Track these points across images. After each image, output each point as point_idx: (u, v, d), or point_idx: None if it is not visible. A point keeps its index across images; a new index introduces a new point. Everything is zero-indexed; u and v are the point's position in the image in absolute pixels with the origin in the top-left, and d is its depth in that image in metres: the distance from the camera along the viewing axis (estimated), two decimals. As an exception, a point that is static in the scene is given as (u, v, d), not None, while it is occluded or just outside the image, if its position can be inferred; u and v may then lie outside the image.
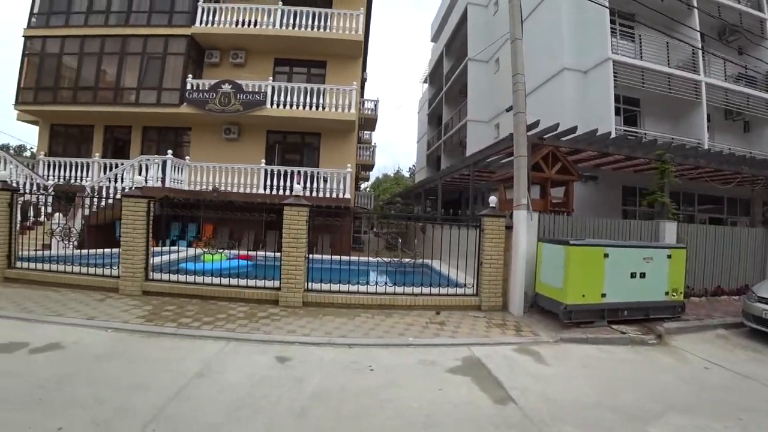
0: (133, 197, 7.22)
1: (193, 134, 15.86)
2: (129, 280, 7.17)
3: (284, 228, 7.13)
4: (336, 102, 14.86)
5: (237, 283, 7.29)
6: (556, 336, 6.31)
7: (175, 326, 5.70)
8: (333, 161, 15.62)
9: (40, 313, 5.93)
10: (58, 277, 7.49)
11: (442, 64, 26.60)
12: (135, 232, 7.18)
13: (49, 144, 16.32)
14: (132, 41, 15.22)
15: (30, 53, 15.73)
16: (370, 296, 7.33)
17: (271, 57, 16.24)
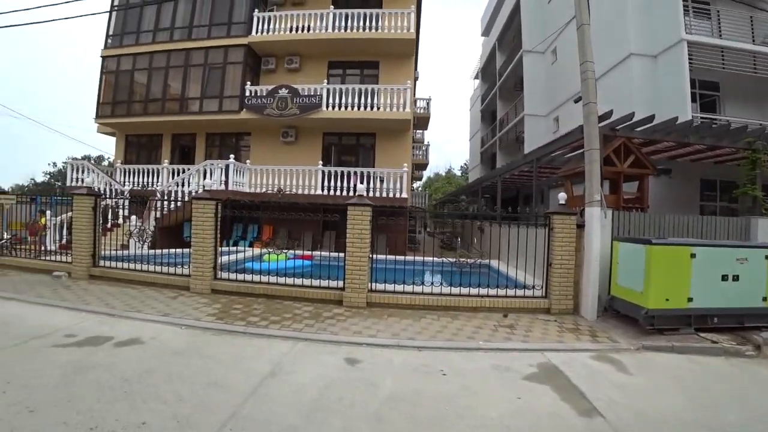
0: (202, 200, 7.44)
1: (252, 139, 16.36)
2: (199, 279, 7.39)
3: (348, 228, 7.06)
4: (390, 101, 14.74)
5: (301, 283, 7.31)
6: (636, 343, 5.74)
7: (244, 325, 5.76)
8: (388, 161, 15.52)
9: (121, 309, 6.23)
10: (135, 275, 7.88)
11: (494, 58, 25.87)
12: (204, 233, 7.40)
13: (124, 153, 17.51)
14: (194, 54, 15.95)
15: (107, 71, 16.93)
16: (434, 297, 7.08)
17: (325, 60, 16.42)
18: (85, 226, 8.10)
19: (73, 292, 7.18)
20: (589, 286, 6.97)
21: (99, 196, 8.35)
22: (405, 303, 7.05)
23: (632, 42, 14.42)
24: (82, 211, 8.12)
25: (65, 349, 4.56)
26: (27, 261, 8.99)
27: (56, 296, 6.89)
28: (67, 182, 15.35)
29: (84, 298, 6.85)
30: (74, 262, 8.22)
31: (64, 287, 7.55)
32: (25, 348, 4.58)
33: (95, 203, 8.19)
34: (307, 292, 7.17)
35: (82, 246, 8.12)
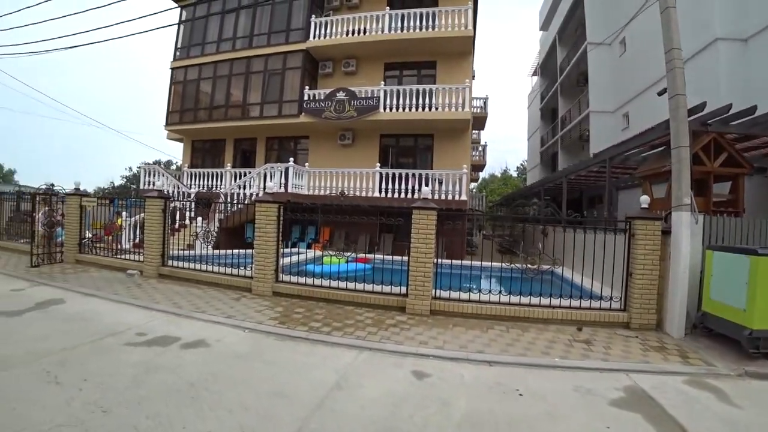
0: (265, 202, 7.46)
1: (310, 142, 16.56)
2: (261, 281, 7.41)
3: (412, 232, 6.77)
4: (449, 101, 14.36)
5: (363, 288, 7.11)
6: (737, 368, 4.96)
7: (306, 330, 5.63)
8: (447, 162, 15.12)
9: (187, 309, 6.33)
10: (200, 275, 8.06)
11: (554, 53, 24.66)
12: (267, 236, 7.41)
13: (191, 157, 18.38)
14: (255, 61, 16.40)
15: (175, 81, 17.85)
16: (502, 307, 6.62)
17: (381, 62, 16.31)
18: (156, 227, 8.40)
19: (144, 291, 7.44)
20: (675, 299, 6.21)
21: (168, 198, 8.64)
22: (470, 312, 6.65)
23: (718, 25, 13.07)
24: (153, 213, 8.44)
25: (136, 348, 4.62)
26: (105, 259, 9.50)
27: (129, 294, 7.15)
28: (140, 185, 16.29)
29: (154, 296, 7.06)
30: (145, 261, 8.55)
31: (136, 285, 7.85)
32: (100, 345, 4.69)
33: (165, 205, 8.48)
34: (368, 298, 6.96)
35: (153, 246, 8.44)
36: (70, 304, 6.44)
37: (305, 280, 7.43)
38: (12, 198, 12.65)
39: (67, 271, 8.99)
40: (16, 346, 4.54)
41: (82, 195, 10.06)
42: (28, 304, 6.28)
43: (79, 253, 9.97)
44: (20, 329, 5.15)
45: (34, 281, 7.92)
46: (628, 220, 6.75)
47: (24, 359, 4.19)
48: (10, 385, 3.62)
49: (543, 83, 28.17)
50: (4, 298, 6.62)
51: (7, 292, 7.02)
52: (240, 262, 8.18)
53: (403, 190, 13.97)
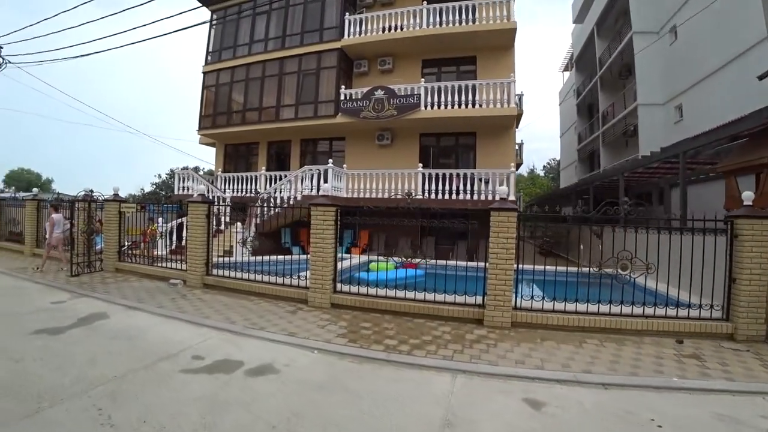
0: (322, 206, 6.76)
1: (347, 143, 15.88)
2: (318, 292, 6.69)
3: (491, 236, 5.97)
4: (493, 97, 13.51)
5: (434, 299, 6.31)
6: None
7: (383, 350, 4.88)
8: (490, 161, 14.21)
9: (242, 325, 5.66)
10: (248, 285, 7.40)
11: (592, 46, 23.40)
12: (324, 243, 6.70)
13: (223, 162, 17.95)
14: (288, 62, 15.84)
15: (207, 86, 17.47)
16: (591, 317, 5.77)
17: (419, 59, 15.56)
18: (200, 234, 7.80)
19: (191, 303, 6.81)
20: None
21: (212, 203, 8.03)
22: (555, 324, 5.82)
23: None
24: (196, 219, 7.84)
25: (196, 377, 3.94)
26: (145, 267, 8.97)
27: (175, 307, 6.53)
28: (174, 191, 15.90)
29: (202, 309, 6.42)
30: (189, 270, 7.96)
31: (181, 296, 7.25)
32: (155, 371, 4.03)
33: (208, 210, 7.87)
34: (440, 310, 6.17)
35: (197, 254, 7.84)
36: (115, 319, 5.84)
37: (368, 290, 6.67)
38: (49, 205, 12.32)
39: (108, 281, 8.48)
40: (62, 373, 3.92)
41: (121, 201, 9.58)
42: (71, 320, 5.72)
43: (118, 261, 9.48)
44: (65, 350, 4.54)
45: (75, 292, 7.41)
46: (729, 220, 5.81)
47: (72, 391, 3.56)
48: (58, 428, 2.97)
49: (579, 78, 26.85)
50: (47, 313, 6.08)
51: (49, 306, 6.49)
52: (282, 269, 7.52)
53: (447, 191, 13.16)
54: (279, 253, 12.72)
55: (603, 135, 21.19)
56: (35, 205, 12.18)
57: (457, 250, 13.85)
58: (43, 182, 63.08)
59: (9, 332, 5.15)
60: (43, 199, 12.43)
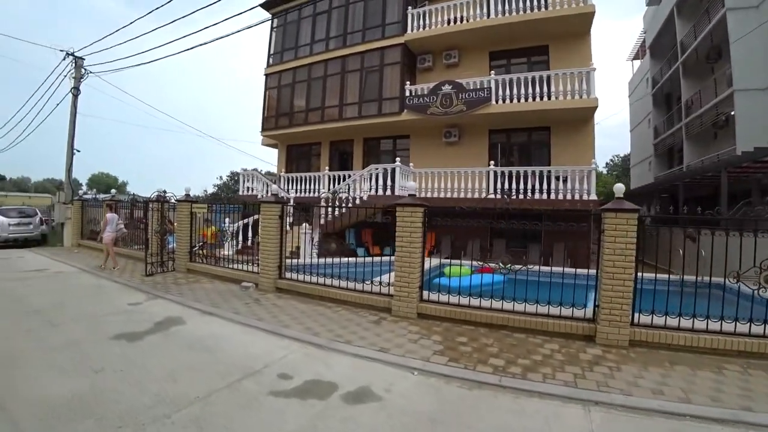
0: (409, 206, 6.07)
1: (412, 141, 15.18)
2: (404, 300, 6.00)
3: (606, 242, 5.01)
4: (571, 88, 12.34)
5: (535, 311, 5.44)
6: None
7: (491, 372, 4.10)
8: (566, 158, 12.99)
9: (325, 337, 5.07)
10: (325, 291, 6.83)
11: (671, 28, 21.04)
12: (411, 246, 6.00)
13: (285, 163, 17.84)
14: (350, 60, 15.39)
15: (269, 87, 17.42)
16: (727, 338, 4.68)
17: (486, 51, 14.58)
18: (273, 235, 7.35)
19: (266, 309, 6.35)
20: None
21: (286, 203, 7.58)
22: (682, 344, 4.77)
23: None
24: (269, 220, 7.41)
25: (288, 403, 3.35)
26: (216, 269, 8.70)
27: (251, 313, 6.08)
28: (240, 191, 15.91)
29: (279, 317, 5.92)
30: (261, 273, 7.54)
31: (254, 301, 6.82)
32: (240, 392, 3.50)
33: (282, 211, 7.41)
34: (543, 324, 5.29)
35: (270, 257, 7.39)
36: (191, 326, 5.45)
37: (459, 299, 5.88)
38: (126, 206, 12.58)
39: (180, 282, 8.27)
40: (141, 389, 3.48)
41: (193, 201, 9.41)
42: (147, 324, 5.39)
43: (190, 261, 9.31)
44: (143, 361, 4.13)
45: (151, 293, 7.19)
46: None
47: (153, 413, 3.08)
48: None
49: (654, 66, 24.39)
50: (124, 315, 5.82)
51: (126, 308, 6.26)
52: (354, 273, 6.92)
53: (522, 190, 12.14)
54: (343, 254, 12.26)
55: (686, 127, 18.97)
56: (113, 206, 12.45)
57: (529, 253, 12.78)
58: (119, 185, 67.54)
59: (91, 335, 4.88)
60: (119, 200, 12.70)
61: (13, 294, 7.01)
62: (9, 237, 14.39)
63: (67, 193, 15.05)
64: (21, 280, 8.16)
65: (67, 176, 15.28)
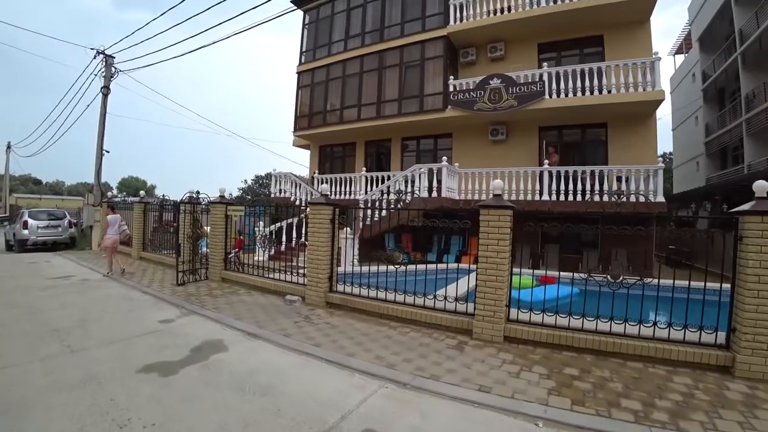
0: (494, 208, 4.92)
1: (454, 140, 14.01)
2: (488, 321, 4.84)
3: (750, 251, 3.79)
4: (633, 80, 11.05)
5: (652, 335, 4.24)
6: None
7: (635, 421, 2.99)
8: (625, 157, 11.66)
9: (406, 370, 3.96)
10: (387, 308, 5.70)
11: (726, 17, 19.21)
12: (498, 257, 4.82)
13: (318, 164, 16.89)
14: (389, 55, 14.34)
15: (302, 86, 16.50)
16: None
17: (534, 43, 13.34)
18: (323, 242, 6.27)
19: (320, 330, 5.27)
20: None
21: (338, 205, 6.50)
22: None
23: None
24: (319, 224, 6.33)
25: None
26: (254, 278, 7.66)
27: (303, 335, 5.02)
28: (271, 194, 14.99)
29: (339, 341, 4.83)
30: (309, 285, 6.47)
31: (304, 318, 5.76)
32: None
33: (334, 214, 6.34)
34: (665, 351, 4.09)
35: (319, 267, 6.31)
36: (235, 353, 4.41)
37: (555, 319, 4.70)
38: (155, 208, 11.75)
39: (215, 293, 7.28)
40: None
41: (228, 203, 8.45)
42: (182, 351, 4.37)
43: (224, 269, 8.34)
44: (182, 411, 3.08)
45: (184, 308, 6.21)
46: None
47: None
48: None
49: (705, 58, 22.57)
50: (155, 338, 4.81)
51: (157, 326, 5.26)
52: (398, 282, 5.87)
53: (580, 192, 10.87)
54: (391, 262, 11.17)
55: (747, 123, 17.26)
56: (142, 208, 11.65)
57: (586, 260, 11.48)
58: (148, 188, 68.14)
59: (115, 367, 3.87)
60: (149, 202, 11.89)
61: (34, 306, 6.12)
62: (37, 240, 13.78)
63: (96, 195, 14.38)
64: (45, 289, 7.30)
65: (96, 178, 14.63)
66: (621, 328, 4.45)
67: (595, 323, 4.58)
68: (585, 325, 4.59)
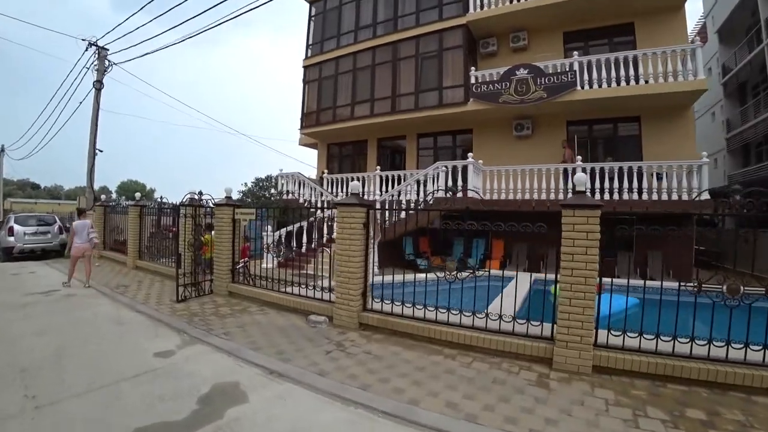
0: (582, 207, 3.79)
1: (475, 136, 12.83)
2: (573, 348, 3.72)
3: None
4: (673, 69, 10.00)
5: None
6: None
7: None
8: (661, 152, 10.59)
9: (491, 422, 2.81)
10: (437, 330, 4.53)
11: (747, 8, 18.14)
12: (587, 269, 3.70)
13: (326, 163, 15.71)
14: (403, 46, 13.19)
15: (309, 80, 15.32)
16: None
17: (559, 32, 12.24)
18: (356, 251, 5.09)
19: (361, 363, 4.09)
20: None
21: (372, 207, 5.33)
22: None
23: None
24: (352, 229, 5.14)
25: None
26: (269, 294, 6.45)
27: (342, 372, 3.84)
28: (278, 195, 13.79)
29: (390, 380, 3.65)
30: (338, 302, 5.28)
31: (336, 346, 4.58)
32: None
33: (367, 217, 5.17)
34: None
35: (352, 280, 5.12)
36: (258, 405, 3.22)
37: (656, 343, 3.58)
38: (152, 211, 10.50)
39: (223, 311, 6.08)
40: None
41: (235, 205, 7.25)
42: (187, 404, 3.18)
43: (232, 282, 7.13)
44: None
45: (186, 333, 5.00)
46: None
47: None
48: None
49: (725, 51, 21.54)
50: (150, 381, 3.61)
51: (153, 363, 4.06)
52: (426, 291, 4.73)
53: (616, 190, 9.78)
54: (401, 266, 10.01)
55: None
56: (138, 212, 10.40)
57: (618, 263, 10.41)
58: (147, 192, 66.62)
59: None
60: (145, 205, 10.64)
61: (4, 333, 4.91)
62: (24, 248, 12.43)
63: (89, 198, 13.09)
64: (21, 308, 6.07)
65: (88, 178, 13.32)
66: (739, 353, 3.35)
67: (708, 348, 3.47)
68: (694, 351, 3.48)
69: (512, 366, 4.02)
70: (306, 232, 10.57)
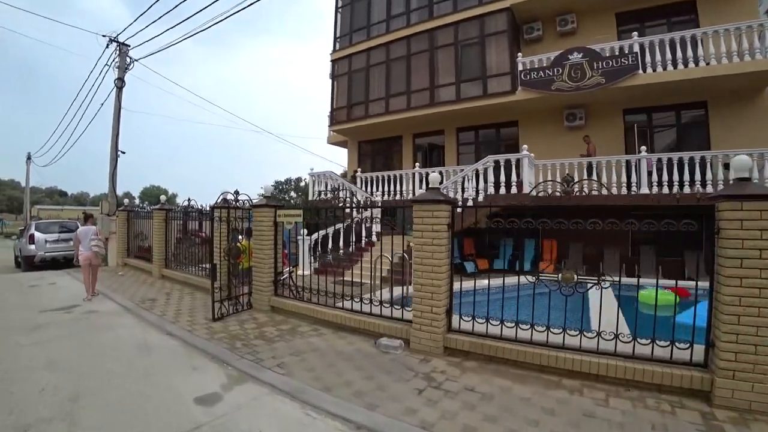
0: (751, 199, 2.63)
1: (521, 128, 11.60)
2: (743, 378, 2.61)
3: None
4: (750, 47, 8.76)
5: None
6: None
7: None
8: (734, 141, 9.30)
9: None
10: (551, 356, 3.37)
11: None
12: (761, 276, 2.52)
13: (357, 162, 14.61)
14: (440, 33, 12.02)
15: (338, 74, 14.27)
16: None
17: (611, 13, 10.97)
18: (440, 259, 3.91)
19: (469, 406, 2.92)
20: None
21: (454, 203, 4.18)
22: None
23: None
24: (431, 232, 3.98)
25: None
26: (318, 309, 5.33)
27: (448, 420, 2.70)
28: (309, 196, 12.73)
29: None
30: (418, 322, 4.10)
31: (426, 380, 3.43)
32: None
33: (452, 216, 4.01)
34: None
35: (436, 294, 3.96)
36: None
37: None
38: (178, 215, 9.50)
39: (268, 333, 4.97)
40: None
41: (276, 207, 6.15)
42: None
43: (274, 295, 6.04)
44: None
45: (229, 365, 3.90)
46: None
47: None
48: None
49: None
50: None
51: (195, 414, 2.95)
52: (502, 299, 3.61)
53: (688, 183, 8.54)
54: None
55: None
56: (163, 216, 9.41)
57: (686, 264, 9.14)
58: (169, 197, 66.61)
59: None
60: (170, 209, 9.65)
61: (7, 367, 3.88)
62: (45, 256, 11.57)
63: (111, 203, 12.20)
64: (33, 331, 5.05)
65: (110, 182, 12.41)
66: None
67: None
68: None
69: (655, 401, 2.87)
70: (343, 235, 9.49)
